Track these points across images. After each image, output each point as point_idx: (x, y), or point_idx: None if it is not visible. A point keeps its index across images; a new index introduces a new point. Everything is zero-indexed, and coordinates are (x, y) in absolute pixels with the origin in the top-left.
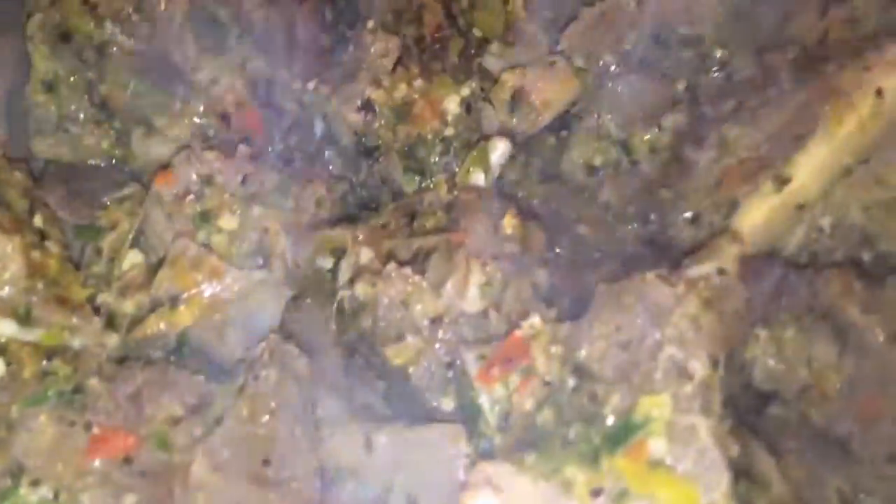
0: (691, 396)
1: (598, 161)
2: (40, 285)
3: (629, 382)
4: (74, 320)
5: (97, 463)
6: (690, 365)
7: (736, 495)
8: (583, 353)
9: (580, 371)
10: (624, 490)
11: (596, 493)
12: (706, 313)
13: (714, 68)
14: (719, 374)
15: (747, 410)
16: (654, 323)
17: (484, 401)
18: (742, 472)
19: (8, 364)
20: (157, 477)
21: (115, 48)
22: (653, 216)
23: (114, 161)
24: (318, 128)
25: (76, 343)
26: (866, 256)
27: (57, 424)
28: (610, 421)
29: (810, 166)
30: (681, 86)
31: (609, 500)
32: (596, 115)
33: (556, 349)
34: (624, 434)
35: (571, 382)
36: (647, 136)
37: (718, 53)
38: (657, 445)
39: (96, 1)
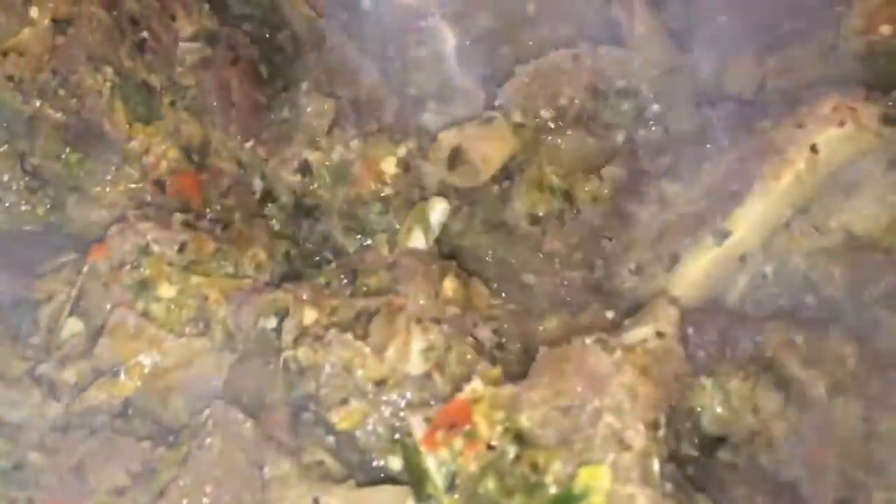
0: (629, 466)
1: (541, 211)
2: None
3: (570, 450)
4: (12, 394)
5: None
6: (627, 435)
7: None
8: (524, 418)
9: (521, 437)
10: None
11: None
12: (643, 382)
13: (651, 122)
14: (661, 435)
15: (695, 457)
16: (593, 390)
17: (430, 464)
18: None
19: None
20: None
21: (44, 121)
22: (598, 263)
23: (51, 228)
24: (258, 187)
25: (15, 417)
26: (810, 301)
27: None
28: (551, 490)
29: (749, 220)
30: (620, 137)
31: None
32: (537, 167)
33: (497, 414)
34: None
35: (513, 450)
36: (588, 187)
37: (655, 107)
38: None
39: (21, 76)
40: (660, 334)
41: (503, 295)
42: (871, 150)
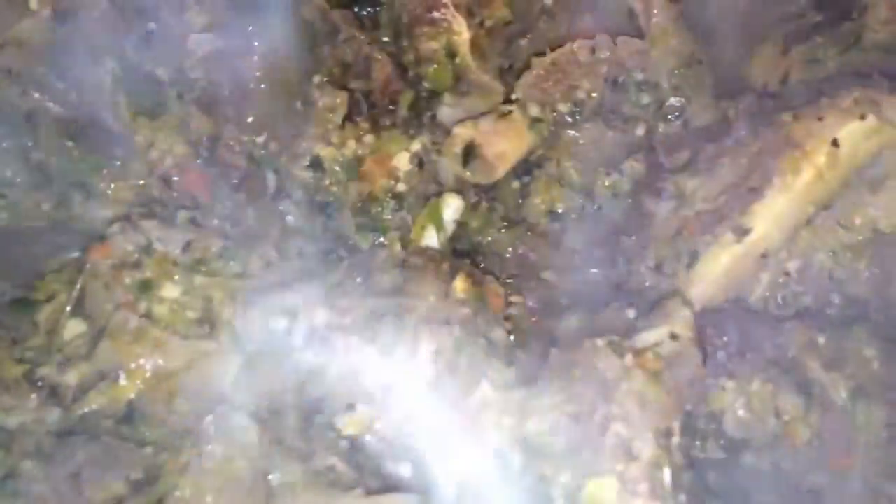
0: (638, 478)
1: (560, 207)
2: None
3: (578, 459)
4: (8, 399)
5: None
6: (635, 445)
7: None
8: (533, 425)
9: (530, 447)
10: None
11: None
12: (653, 388)
13: (670, 116)
14: (674, 443)
15: (718, 460)
16: (603, 397)
17: (439, 471)
18: None
19: None
20: None
21: (44, 115)
22: (618, 260)
23: (56, 225)
24: (271, 182)
25: (10, 423)
26: (836, 300)
27: None
28: (559, 503)
29: (770, 216)
30: (640, 131)
31: None
32: (555, 162)
33: (506, 420)
34: None
35: (520, 460)
36: (608, 182)
37: (674, 100)
38: None
39: (18, 70)
40: (674, 336)
41: (522, 293)
42: None
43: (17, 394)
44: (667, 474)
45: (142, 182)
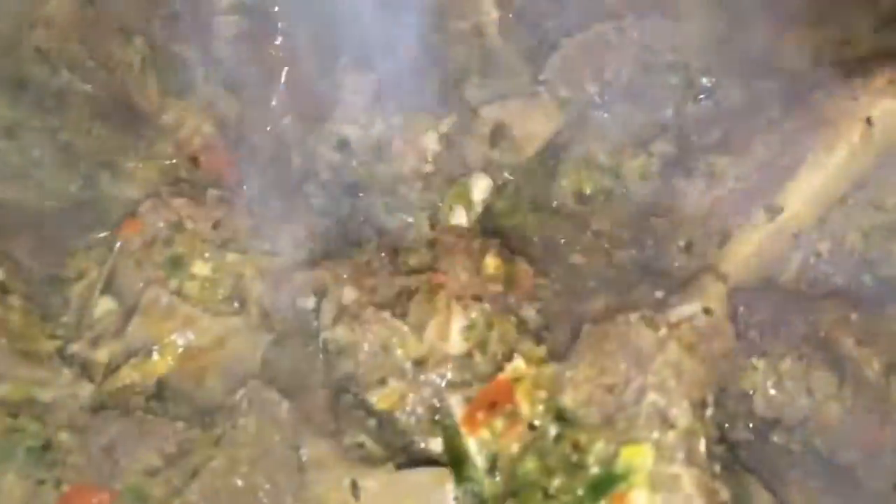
0: (674, 446)
1: (588, 189)
2: (2, 340)
3: (613, 429)
4: (42, 373)
5: None
6: (672, 413)
7: None
8: (567, 397)
9: (563, 417)
10: None
11: None
12: (688, 358)
13: (701, 96)
14: (708, 415)
15: (748, 440)
16: (637, 368)
17: (471, 445)
18: None
19: None
20: None
21: (73, 94)
22: (647, 241)
23: (83, 204)
24: (297, 163)
25: (45, 396)
26: (868, 281)
27: (25, 483)
28: (593, 470)
29: (802, 195)
30: (668, 112)
31: None
32: (583, 144)
33: (540, 393)
34: (606, 485)
35: (554, 430)
36: (637, 163)
37: (705, 81)
38: (640, 497)
39: (49, 48)
40: (707, 311)
41: (549, 275)
42: None
43: (51, 368)
44: (702, 443)
45: (169, 162)
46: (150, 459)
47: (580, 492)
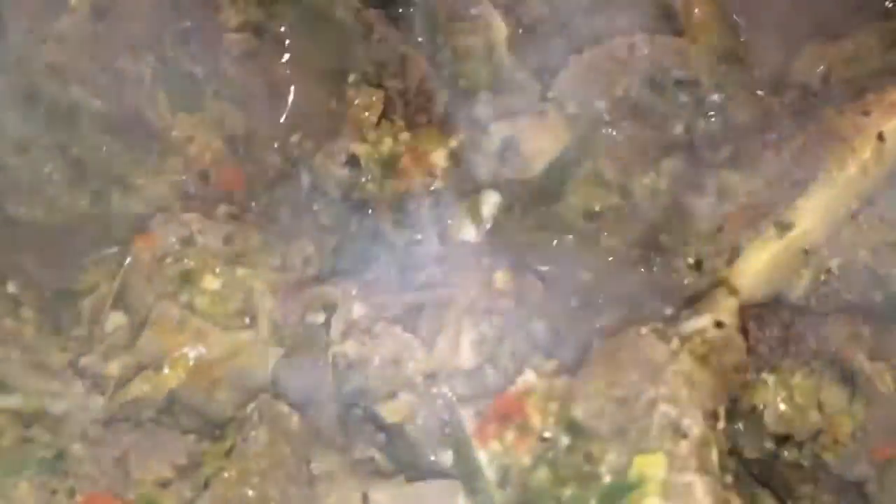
0: (687, 455)
1: (597, 206)
2: (16, 353)
3: (625, 440)
4: (54, 385)
5: None
6: (684, 423)
7: None
8: (579, 409)
9: (575, 429)
10: None
11: None
12: (700, 370)
13: (711, 113)
14: (719, 427)
15: (759, 455)
16: (649, 380)
17: (481, 457)
18: None
19: None
20: None
21: (84, 110)
22: (656, 259)
23: (93, 220)
24: (306, 180)
25: (57, 408)
26: (878, 298)
27: (39, 493)
28: (605, 480)
29: (813, 211)
30: (678, 129)
31: None
32: (593, 161)
33: (551, 405)
34: (619, 494)
35: (566, 441)
36: (646, 181)
37: (715, 97)
38: None
39: (60, 64)
40: (719, 324)
41: (559, 291)
42: None
43: (63, 381)
44: (714, 453)
45: (179, 177)
46: (162, 471)
47: (593, 501)
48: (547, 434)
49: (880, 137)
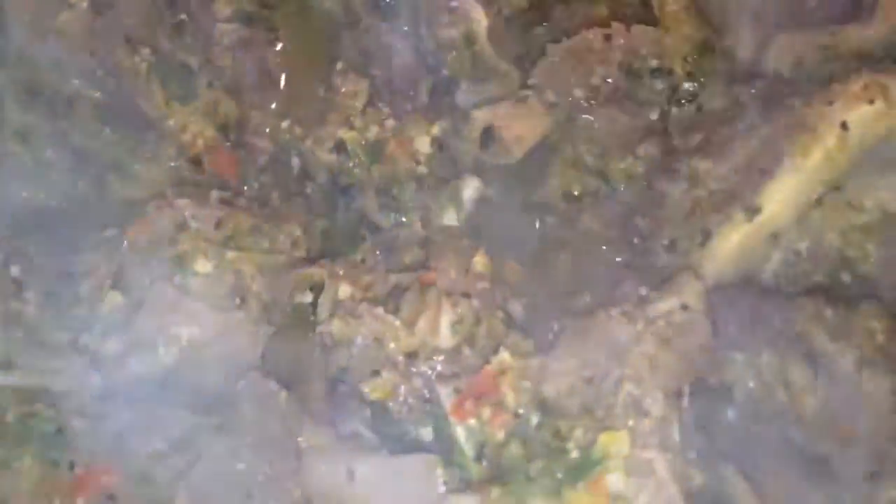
0: (649, 432)
1: (576, 189)
2: (19, 333)
3: (592, 417)
4: (55, 363)
5: (81, 501)
6: (646, 402)
7: None
8: (550, 388)
9: (546, 406)
10: None
11: None
12: (664, 352)
13: (684, 100)
14: (684, 405)
15: (728, 431)
16: (615, 360)
17: (459, 433)
18: (711, 499)
19: None
20: None
21: (83, 100)
22: (633, 240)
23: (91, 205)
24: (295, 165)
25: (58, 385)
26: (846, 279)
27: (41, 465)
28: (573, 455)
29: (779, 196)
30: (653, 116)
31: None
32: (571, 146)
33: (524, 384)
34: (585, 469)
35: (537, 418)
36: (623, 165)
37: (688, 86)
38: (616, 480)
39: (61, 57)
40: (685, 307)
41: (537, 273)
42: None
43: (64, 358)
44: (676, 430)
45: (173, 164)
46: (156, 444)
47: (560, 475)
48: (520, 411)
49: (844, 126)
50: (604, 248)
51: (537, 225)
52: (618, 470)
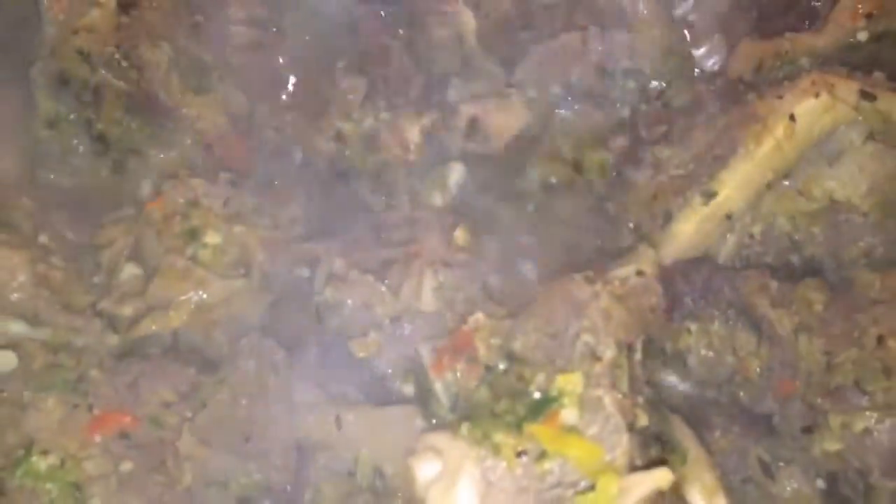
0: (600, 374)
1: (553, 179)
2: (46, 293)
3: (553, 365)
4: (78, 322)
5: (98, 438)
6: (599, 349)
7: (645, 456)
8: (518, 342)
9: (513, 357)
10: (542, 451)
11: (520, 454)
12: (617, 307)
13: (653, 97)
14: (636, 359)
15: (682, 393)
16: (575, 315)
17: (437, 387)
18: (655, 438)
19: (20, 358)
20: (150, 449)
21: (108, 90)
22: (603, 225)
23: (112, 185)
24: (297, 154)
25: (79, 342)
26: (795, 260)
27: (63, 406)
28: (534, 396)
29: (733, 182)
30: (624, 112)
31: (531, 459)
32: (550, 138)
33: (495, 340)
34: (543, 405)
35: (503, 366)
36: (597, 157)
37: (655, 84)
38: (570, 415)
39: (89, 50)
40: (640, 273)
41: (513, 252)
42: (850, 122)
43: (84, 319)
44: (626, 377)
45: (187, 149)
46: (166, 395)
47: (522, 412)
48: (490, 364)
49: (791, 118)
50: (576, 230)
51: (516, 210)
52: (572, 406)
